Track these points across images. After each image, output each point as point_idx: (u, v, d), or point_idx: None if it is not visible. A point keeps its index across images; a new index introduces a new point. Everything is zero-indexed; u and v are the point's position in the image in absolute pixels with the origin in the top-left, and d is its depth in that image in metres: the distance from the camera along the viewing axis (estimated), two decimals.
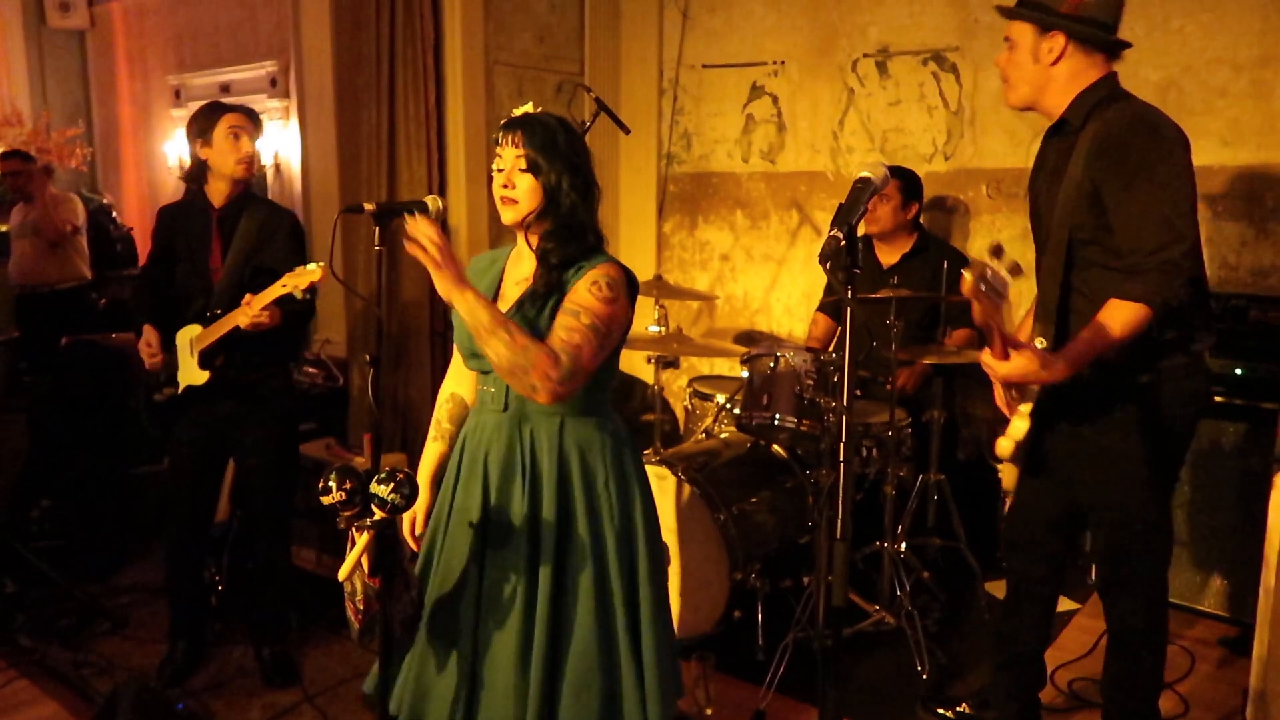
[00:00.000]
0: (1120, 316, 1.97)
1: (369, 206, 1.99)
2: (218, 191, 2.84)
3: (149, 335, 2.84)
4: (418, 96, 3.85)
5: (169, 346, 2.83)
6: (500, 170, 1.87)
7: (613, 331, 1.85)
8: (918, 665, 2.83)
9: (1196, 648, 3.06)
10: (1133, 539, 2.22)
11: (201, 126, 2.79)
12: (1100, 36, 2.10)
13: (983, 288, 1.84)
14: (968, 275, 1.82)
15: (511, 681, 1.86)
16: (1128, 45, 2.14)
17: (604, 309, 1.83)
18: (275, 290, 2.56)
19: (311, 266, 2.52)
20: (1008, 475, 2.38)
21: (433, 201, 1.98)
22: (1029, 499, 2.40)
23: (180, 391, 2.83)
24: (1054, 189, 2.15)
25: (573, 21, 4.61)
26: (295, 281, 2.52)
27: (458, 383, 2.12)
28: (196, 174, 2.85)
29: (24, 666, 3.03)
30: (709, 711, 2.67)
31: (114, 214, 7.04)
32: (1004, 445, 2.23)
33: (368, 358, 1.98)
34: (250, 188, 2.91)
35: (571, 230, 1.87)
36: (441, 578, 1.94)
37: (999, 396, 2.25)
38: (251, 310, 2.59)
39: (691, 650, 2.76)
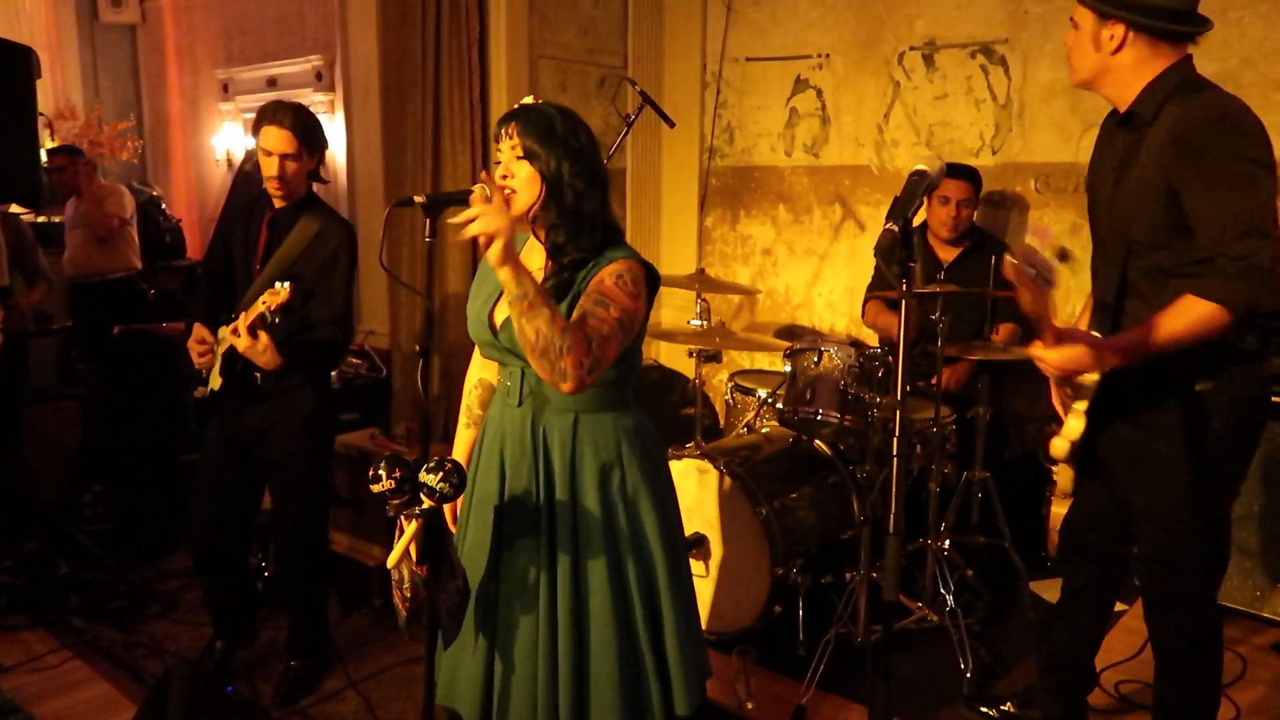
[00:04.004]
0: (1193, 313, 1.84)
1: (419, 199, 1.95)
2: (275, 194, 2.72)
3: (199, 332, 2.72)
4: (462, 90, 3.88)
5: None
6: (498, 164, 1.85)
7: (633, 328, 1.82)
8: (961, 663, 2.80)
9: (1252, 654, 2.99)
10: (1179, 552, 2.08)
11: (254, 129, 2.70)
12: (1163, 28, 1.96)
13: (1030, 272, 1.82)
14: (1010, 259, 1.81)
15: (530, 669, 1.88)
16: (1200, 31, 2.00)
17: (630, 304, 1.79)
18: (255, 310, 2.46)
19: (279, 285, 2.41)
20: (1064, 476, 2.28)
21: (480, 189, 1.99)
22: (1084, 501, 2.32)
23: (209, 393, 2.76)
24: (1120, 185, 2.04)
25: (616, 15, 4.61)
26: (269, 300, 2.43)
27: (484, 369, 2.13)
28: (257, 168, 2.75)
29: (78, 647, 3.10)
30: (750, 706, 2.67)
31: (163, 206, 7.19)
32: (1059, 445, 2.14)
33: (417, 348, 1.98)
34: (309, 194, 2.74)
35: (580, 222, 1.83)
36: (465, 564, 1.95)
37: (1054, 395, 2.18)
38: (240, 333, 2.50)
39: (732, 644, 2.76)
